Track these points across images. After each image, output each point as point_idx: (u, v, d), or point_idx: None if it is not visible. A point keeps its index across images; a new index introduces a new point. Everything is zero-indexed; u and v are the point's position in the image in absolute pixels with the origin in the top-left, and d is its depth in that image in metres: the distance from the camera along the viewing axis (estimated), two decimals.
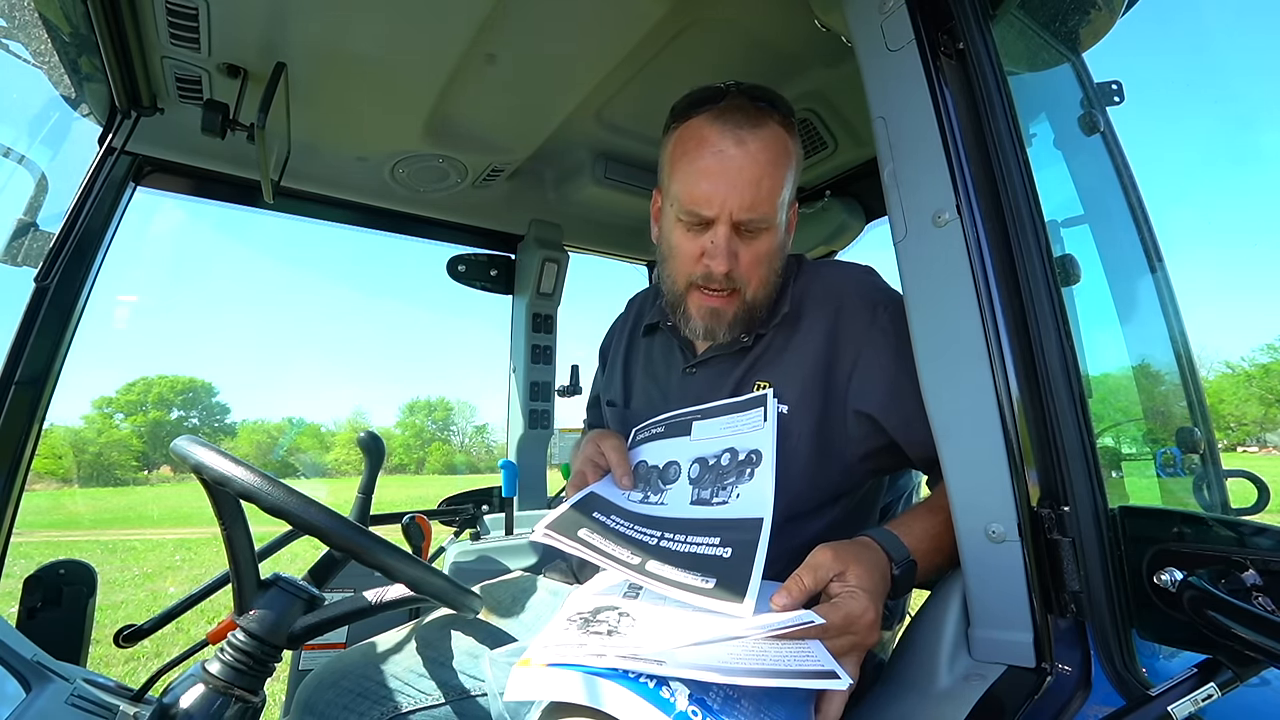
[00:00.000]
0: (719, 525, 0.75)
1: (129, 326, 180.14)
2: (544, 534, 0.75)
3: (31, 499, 23.82)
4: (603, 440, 0.94)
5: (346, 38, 1.17)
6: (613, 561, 0.72)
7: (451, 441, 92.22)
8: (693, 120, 0.92)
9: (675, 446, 0.90)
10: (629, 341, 1.19)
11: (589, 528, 0.78)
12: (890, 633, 1.32)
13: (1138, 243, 1.07)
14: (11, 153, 1.31)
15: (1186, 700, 0.57)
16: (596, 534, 0.77)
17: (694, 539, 0.75)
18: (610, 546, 0.74)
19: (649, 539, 0.77)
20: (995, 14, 0.79)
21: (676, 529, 0.78)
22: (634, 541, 0.77)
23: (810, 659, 0.58)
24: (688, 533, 0.76)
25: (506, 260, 2.16)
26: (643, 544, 0.76)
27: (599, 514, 0.82)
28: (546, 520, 0.77)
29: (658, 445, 0.93)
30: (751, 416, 0.86)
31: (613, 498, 0.87)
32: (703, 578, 0.67)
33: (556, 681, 0.55)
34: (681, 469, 0.87)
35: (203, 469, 0.71)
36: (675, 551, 0.74)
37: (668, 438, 0.93)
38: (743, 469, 0.80)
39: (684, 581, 0.67)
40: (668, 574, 0.69)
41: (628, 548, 0.75)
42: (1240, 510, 0.93)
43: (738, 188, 0.88)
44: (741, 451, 0.82)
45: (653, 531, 0.78)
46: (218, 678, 0.75)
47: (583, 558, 0.73)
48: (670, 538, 0.76)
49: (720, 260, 0.90)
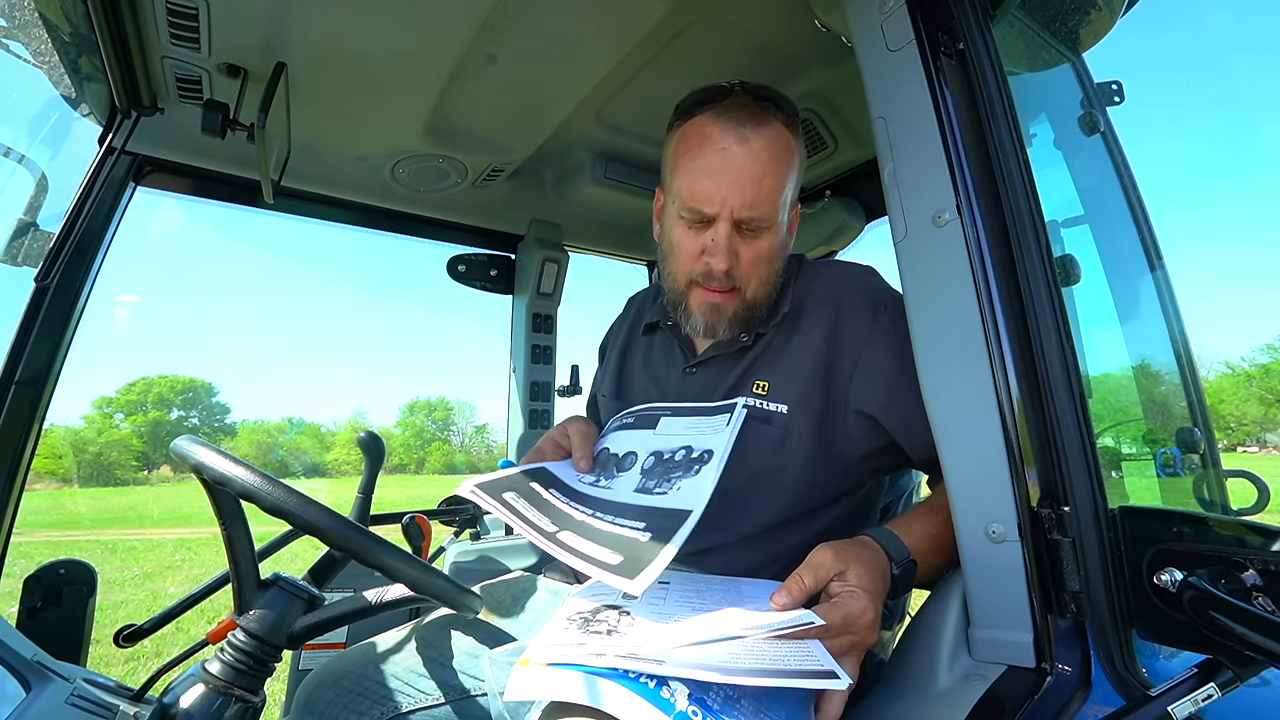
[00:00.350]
0: (650, 513, 0.75)
1: (129, 326, 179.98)
2: (470, 491, 0.75)
3: (31, 499, 23.81)
4: (571, 424, 0.96)
5: (346, 38, 1.17)
6: (526, 526, 0.72)
7: (451, 441, 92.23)
8: (696, 118, 0.92)
9: (638, 438, 0.91)
10: (628, 339, 1.19)
11: (518, 493, 0.78)
12: (890, 633, 1.32)
13: (1138, 243, 1.07)
14: (11, 153, 1.31)
15: (1186, 700, 0.57)
16: (523, 499, 0.77)
17: (620, 520, 0.75)
18: (531, 513, 0.75)
19: (575, 513, 0.77)
20: (995, 14, 0.79)
21: (608, 510, 0.78)
22: (558, 513, 0.77)
23: (810, 659, 0.58)
24: (617, 515, 0.76)
25: (506, 260, 2.16)
26: (566, 516, 0.76)
27: (538, 485, 0.82)
28: (479, 479, 0.77)
29: (623, 435, 0.94)
30: (716, 422, 0.86)
31: (563, 476, 0.89)
32: (611, 554, 0.67)
33: (556, 681, 0.55)
34: (638, 459, 0.87)
35: (203, 469, 0.71)
36: (595, 529, 0.74)
37: (634, 429, 0.94)
38: (692, 465, 0.80)
39: (589, 554, 0.67)
40: (577, 545, 0.69)
41: (547, 516, 0.75)
42: (1240, 510, 0.93)
43: (739, 185, 0.88)
44: (696, 450, 0.82)
45: (585, 509, 0.79)
46: (218, 678, 0.75)
47: (500, 518, 0.73)
48: (598, 516, 0.77)
49: (720, 258, 0.90)
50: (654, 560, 0.63)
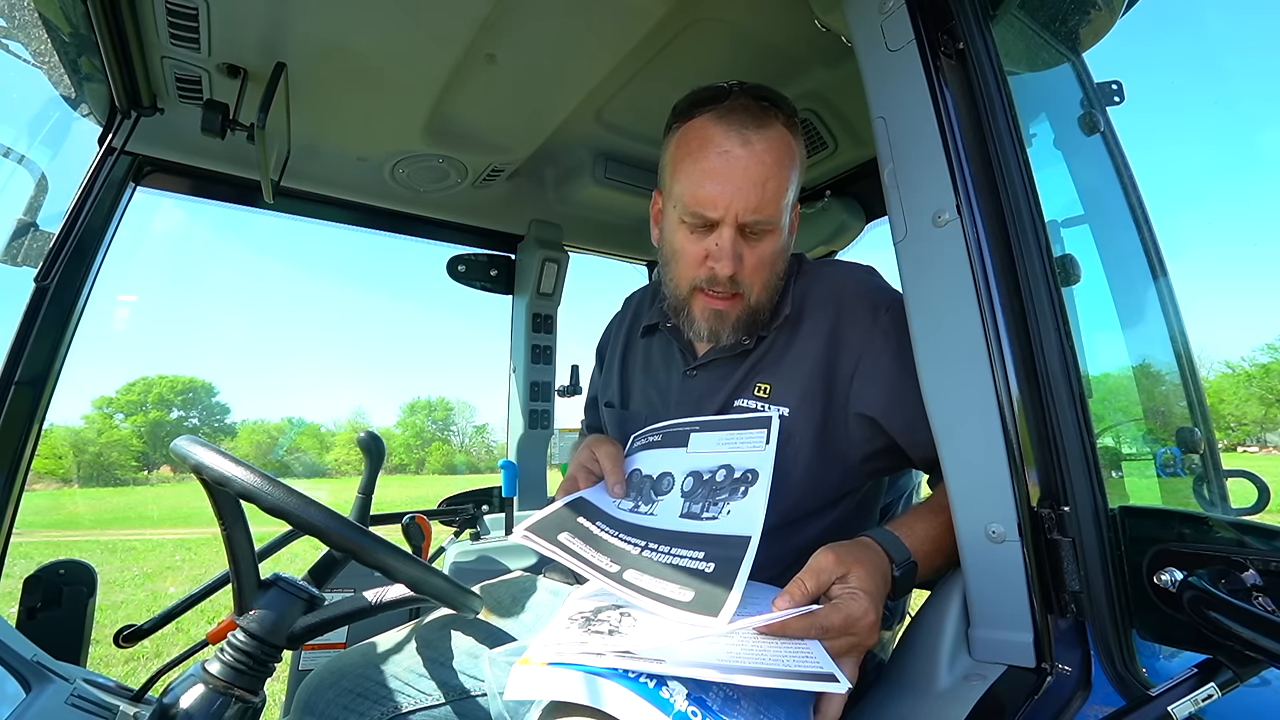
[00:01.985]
0: (705, 540, 0.74)
1: (129, 326, 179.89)
2: (523, 536, 0.74)
3: (31, 499, 23.81)
4: (598, 447, 0.94)
5: (346, 38, 1.17)
6: (590, 568, 0.71)
7: (451, 441, 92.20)
8: (696, 120, 0.91)
9: (671, 457, 0.89)
10: (626, 342, 1.19)
11: (571, 532, 0.77)
12: (890, 633, 1.32)
13: (1138, 242, 1.07)
14: (11, 153, 1.31)
15: (1186, 700, 0.57)
16: (578, 539, 0.76)
17: (678, 551, 0.73)
18: (589, 553, 0.73)
19: (632, 548, 0.76)
20: (995, 14, 0.79)
21: (662, 540, 0.77)
22: (615, 549, 0.75)
23: (810, 660, 0.58)
24: (672, 545, 0.75)
25: (506, 260, 2.16)
26: (623, 552, 0.75)
27: (584, 519, 0.81)
28: (528, 522, 0.76)
29: (654, 455, 0.92)
30: (752, 436, 0.84)
31: (602, 504, 0.86)
32: (680, 589, 0.66)
33: (557, 681, 0.55)
34: (675, 481, 0.85)
35: (203, 469, 0.71)
36: (656, 563, 0.72)
37: (664, 447, 0.91)
38: (737, 486, 0.79)
39: (660, 593, 0.66)
40: (645, 584, 0.68)
41: (608, 555, 0.74)
42: (1240, 510, 0.93)
43: (743, 189, 0.87)
44: (738, 470, 0.81)
45: (637, 540, 0.77)
46: (218, 678, 0.75)
47: (561, 563, 0.72)
48: (654, 548, 0.75)
49: (726, 263, 0.89)
50: (730, 593, 0.63)
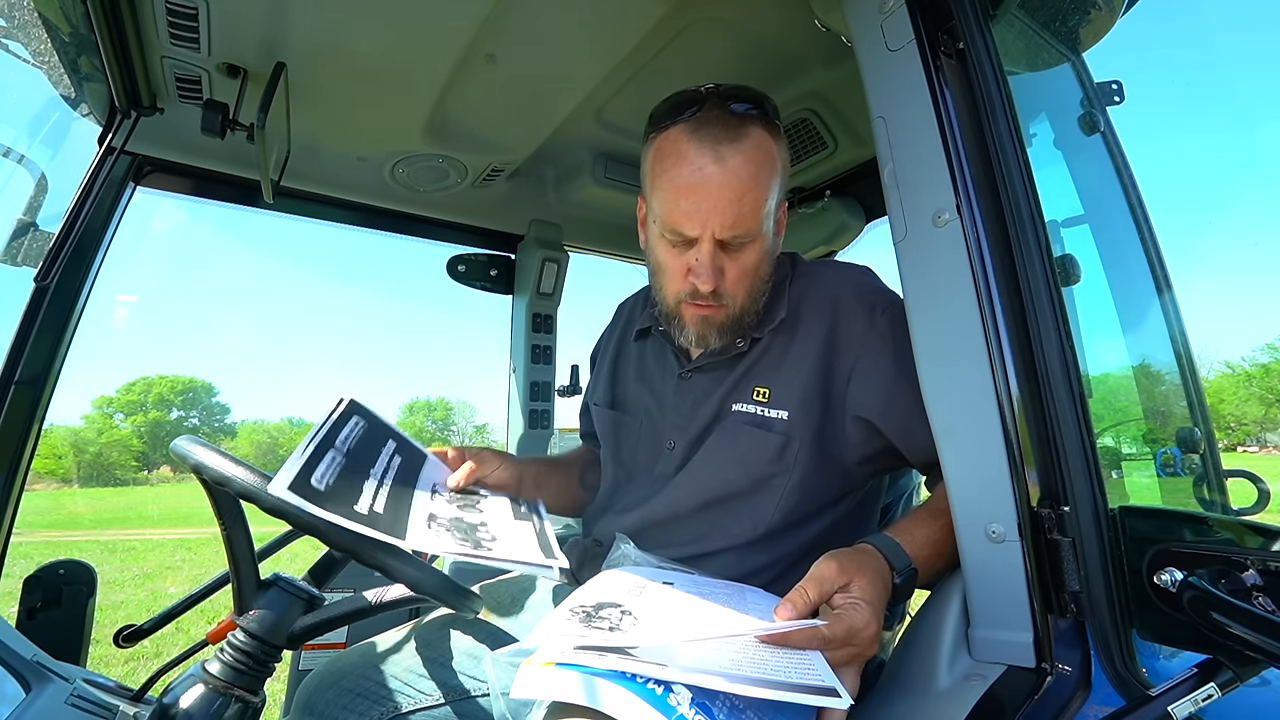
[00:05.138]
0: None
1: (129, 326, 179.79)
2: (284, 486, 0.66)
3: (31, 499, 23.80)
4: (499, 457, 1.02)
5: (346, 38, 1.17)
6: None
7: (452, 441, 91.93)
8: (670, 131, 0.90)
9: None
10: (619, 346, 1.19)
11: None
12: (890, 633, 1.32)
13: (1138, 243, 1.07)
14: (11, 153, 1.31)
15: (1186, 700, 0.57)
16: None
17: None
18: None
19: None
20: (995, 14, 0.79)
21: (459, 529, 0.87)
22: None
23: (812, 673, 0.58)
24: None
25: (506, 260, 2.16)
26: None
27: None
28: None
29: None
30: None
31: (434, 478, 0.97)
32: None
33: (560, 682, 0.55)
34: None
35: (203, 469, 0.71)
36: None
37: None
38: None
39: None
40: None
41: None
42: (1240, 510, 0.93)
43: (719, 207, 0.85)
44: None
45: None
46: (218, 678, 0.75)
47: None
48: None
49: (705, 279, 0.88)
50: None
